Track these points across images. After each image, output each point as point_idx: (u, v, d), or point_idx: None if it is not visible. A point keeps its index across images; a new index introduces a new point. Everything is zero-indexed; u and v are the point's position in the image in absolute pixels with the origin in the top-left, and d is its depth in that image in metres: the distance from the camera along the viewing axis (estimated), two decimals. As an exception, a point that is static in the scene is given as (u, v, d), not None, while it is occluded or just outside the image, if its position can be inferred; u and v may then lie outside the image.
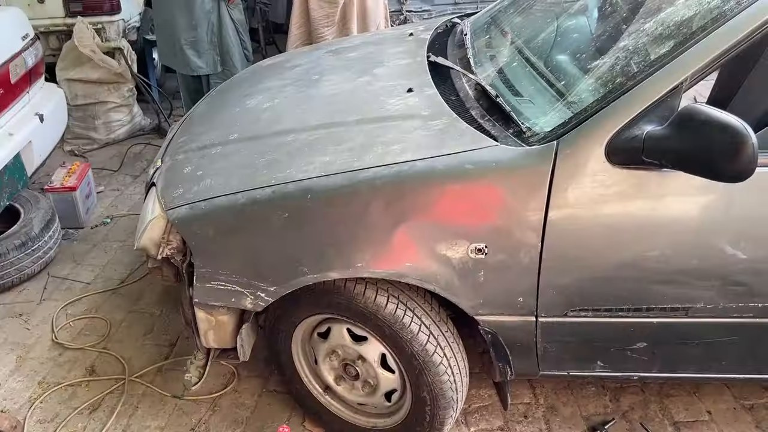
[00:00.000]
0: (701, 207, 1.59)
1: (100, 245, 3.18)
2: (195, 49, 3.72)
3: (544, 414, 2.20)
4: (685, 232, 1.59)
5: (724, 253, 1.59)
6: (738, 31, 1.48)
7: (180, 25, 3.63)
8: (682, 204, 1.58)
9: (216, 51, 3.76)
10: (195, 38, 3.68)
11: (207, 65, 3.79)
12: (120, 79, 4.21)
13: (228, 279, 1.75)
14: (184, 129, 2.30)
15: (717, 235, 1.59)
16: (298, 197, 1.68)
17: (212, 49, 3.75)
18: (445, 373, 1.76)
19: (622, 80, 1.60)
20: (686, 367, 1.85)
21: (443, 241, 1.64)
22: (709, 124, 1.38)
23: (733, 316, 1.69)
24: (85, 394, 2.28)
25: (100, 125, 4.27)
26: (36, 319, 2.67)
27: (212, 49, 3.75)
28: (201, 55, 3.74)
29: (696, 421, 2.16)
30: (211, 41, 3.73)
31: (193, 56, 3.73)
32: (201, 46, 3.71)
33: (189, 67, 3.76)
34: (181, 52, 3.71)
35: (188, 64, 3.73)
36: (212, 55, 3.76)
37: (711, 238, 1.59)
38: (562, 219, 1.59)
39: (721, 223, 1.59)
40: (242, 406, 2.23)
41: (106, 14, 4.35)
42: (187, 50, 3.72)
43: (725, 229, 1.58)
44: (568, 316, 1.72)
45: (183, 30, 3.63)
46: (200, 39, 3.69)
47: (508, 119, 1.76)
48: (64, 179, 3.28)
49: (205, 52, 3.74)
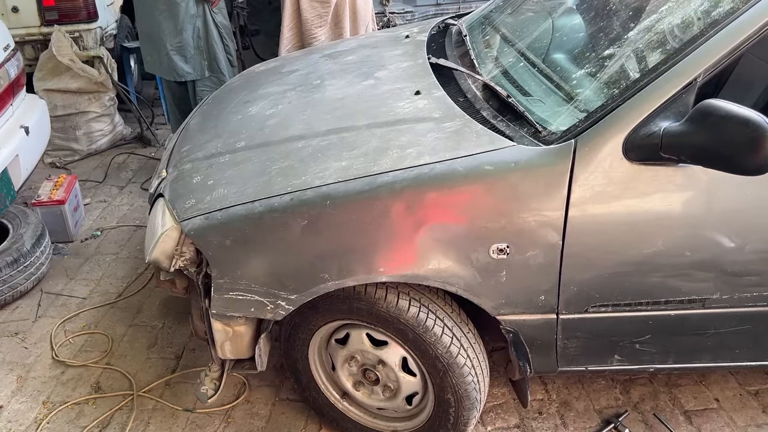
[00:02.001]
0: (718, 200, 1.61)
1: (93, 259, 3.11)
2: (181, 54, 3.66)
3: (558, 409, 2.22)
4: (703, 225, 1.62)
5: (742, 245, 1.63)
6: (749, 26, 1.52)
7: (165, 30, 3.56)
8: (699, 198, 1.61)
9: (203, 56, 3.71)
10: (181, 43, 3.63)
11: (194, 70, 3.73)
12: (101, 88, 4.13)
13: (247, 289, 1.73)
14: (185, 138, 2.26)
15: (734, 227, 1.62)
16: (318, 204, 1.67)
17: (199, 54, 3.70)
18: (469, 374, 1.77)
19: (637, 78, 1.62)
20: (701, 357, 1.88)
21: (465, 242, 1.64)
22: (729, 119, 1.41)
23: (748, 306, 1.73)
24: (93, 412, 2.23)
25: (81, 136, 4.19)
26: (33, 337, 2.60)
27: (199, 54, 3.70)
28: (188, 61, 3.68)
29: (705, 409, 2.21)
30: (198, 46, 3.68)
31: (180, 62, 3.67)
32: (187, 51, 3.65)
33: (176, 72, 3.69)
34: (167, 58, 3.64)
35: (175, 70, 3.66)
36: (199, 60, 3.71)
37: (728, 231, 1.62)
38: (583, 216, 1.61)
39: (737, 216, 1.62)
40: (256, 416, 2.20)
41: (83, 22, 4.25)
42: (174, 56, 3.65)
43: (742, 221, 1.62)
44: (589, 312, 1.74)
45: (168, 35, 3.57)
46: (186, 44, 3.64)
47: (520, 119, 1.77)
48: (51, 192, 3.20)
49: (192, 57, 3.69)
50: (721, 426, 2.14)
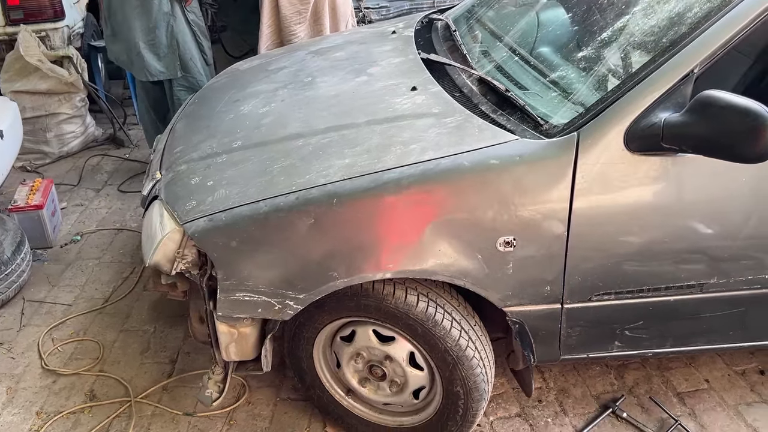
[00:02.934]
0: (716, 188, 1.67)
1: (75, 264, 3.04)
2: (154, 52, 3.58)
3: (556, 397, 2.26)
4: (702, 212, 1.68)
5: (738, 231, 1.69)
6: (743, 17, 1.57)
7: (137, 28, 3.48)
8: (698, 186, 1.66)
9: (176, 54, 3.63)
10: (153, 41, 3.55)
11: (168, 69, 3.65)
12: (71, 89, 4.03)
13: (254, 289, 1.72)
14: (176, 139, 2.23)
15: (731, 214, 1.68)
16: (324, 202, 1.66)
17: (172, 53, 3.62)
18: (478, 366, 1.79)
19: (636, 70, 1.66)
20: (696, 341, 1.94)
21: (472, 236, 1.66)
22: (729, 109, 1.46)
23: (743, 289, 1.79)
24: (90, 421, 2.18)
25: (52, 138, 4.07)
26: (19, 347, 2.53)
27: (172, 52, 3.62)
28: (161, 59, 3.60)
29: (697, 390, 2.28)
30: (171, 44, 3.60)
31: (153, 60, 3.58)
32: (160, 49, 3.57)
33: (148, 71, 3.60)
34: (138, 57, 3.56)
35: (147, 69, 3.58)
36: (172, 59, 3.63)
37: (726, 218, 1.68)
38: (587, 207, 1.65)
39: (735, 203, 1.68)
40: (259, 417, 2.19)
41: (49, 21, 4.13)
42: (146, 54, 3.57)
43: (740, 207, 1.68)
44: (592, 300, 1.78)
45: (140, 33, 3.49)
46: (159, 42, 3.56)
47: (520, 113, 1.79)
48: (28, 197, 3.11)
49: (165, 56, 3.61)
50: (713, 405, 2.21)
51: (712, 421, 2.15)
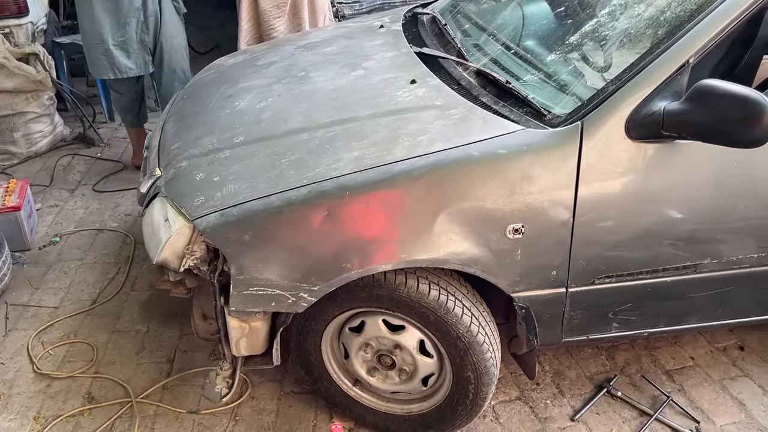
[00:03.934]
0: (714, 173, 1.75)
1: (56, 266, 2.97)
2: (123, 49, 3.51)
3: (552, 379, 2.33)
4: (699, 196, 1.76)
5: (731, 213, 1.78)
6: (736, 7, 1.65)
7: (107, 25, 3.40)
8: (694, 171, 1.75)
9: (146, 51, 3.57)
10: (123, 38, 3.48)
11: (137, 66, 3.59)
12: (39, 87, 3.91)
13: (268, 283, 1.72)
14: (171, 135, 2.20)
15: (725, 197, 1.77)
16: (336, 195, 1.68)
17: (142, 49, 3.56)
18: (488, 351, 1.84)
19: (635, 60, 1.72)
20: (689, 319, 2.04)
21: (483, 224, 1.71)
22: (727, 97, 1.54)
23: (734, 268, 1.89)
24: (91, 423, 2.15)
25: (19, 138, 3.95)
26: (7, 352, 2.46)
27: (142, 48, 3.56)
28: (130, 56, 3.54)
29: (683, 367, 2.39)
30: (141, 40, 3.54)
31: (121, 57, 3.51)
32: (130, 45, 3.51)
33: (117, 69, 3.53)
34: (107, 55, 3.47)
35: (116, 66, 3.50)
36: (142, 55, 3.57)
37: (720, 201, 1.77)
38: (591, 193, 1.71)
39: (728, 186, 1.77)
40: (264, 412, 2.19)
41: (12, 17, 3.97)
42: (115, 51, 3.50)
43: (733, 191, 1.77)
44: (595, 284, 1.84)
45: (111, 30, 3.41)
46: (129, 38, 3.49)
47: (522, 104, 1.85)
48: (4, 199, 3.02)
49: (135, 52, 3.54)
50: (700, 381, 2.32)
51: (700, 396, 2.26)
